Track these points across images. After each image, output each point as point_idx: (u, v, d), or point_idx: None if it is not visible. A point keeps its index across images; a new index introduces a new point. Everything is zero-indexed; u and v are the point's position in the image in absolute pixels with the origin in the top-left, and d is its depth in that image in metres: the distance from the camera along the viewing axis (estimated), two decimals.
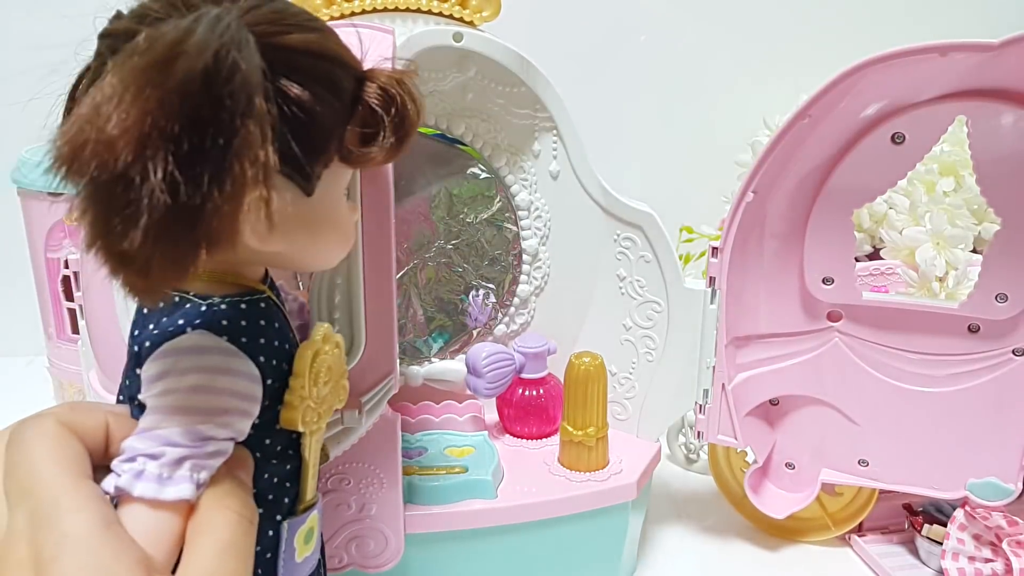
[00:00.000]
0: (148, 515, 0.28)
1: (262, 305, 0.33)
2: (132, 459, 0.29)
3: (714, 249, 0.58)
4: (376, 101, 0.33)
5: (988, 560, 0.58)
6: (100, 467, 0.29)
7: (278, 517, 0.35)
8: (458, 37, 0.55)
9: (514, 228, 0.63)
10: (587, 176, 0.61)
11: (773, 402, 0.65)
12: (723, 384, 0.60)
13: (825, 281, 0.59)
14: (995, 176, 0.54)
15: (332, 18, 0.56)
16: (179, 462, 0.29)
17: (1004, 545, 0.57)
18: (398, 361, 0.48)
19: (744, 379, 0.62)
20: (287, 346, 0.34)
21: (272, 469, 0.34)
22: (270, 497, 0.34)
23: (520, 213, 0.62)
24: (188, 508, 0.29)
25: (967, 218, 0.70)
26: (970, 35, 0.48)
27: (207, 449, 0.29)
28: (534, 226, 0.63)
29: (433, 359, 0.63)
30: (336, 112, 0.31)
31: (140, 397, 0.30)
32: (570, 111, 0.60)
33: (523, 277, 0.64)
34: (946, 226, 0.68)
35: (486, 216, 0.63)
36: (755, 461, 0.64)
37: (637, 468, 0.58)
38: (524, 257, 0.63)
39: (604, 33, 0.96)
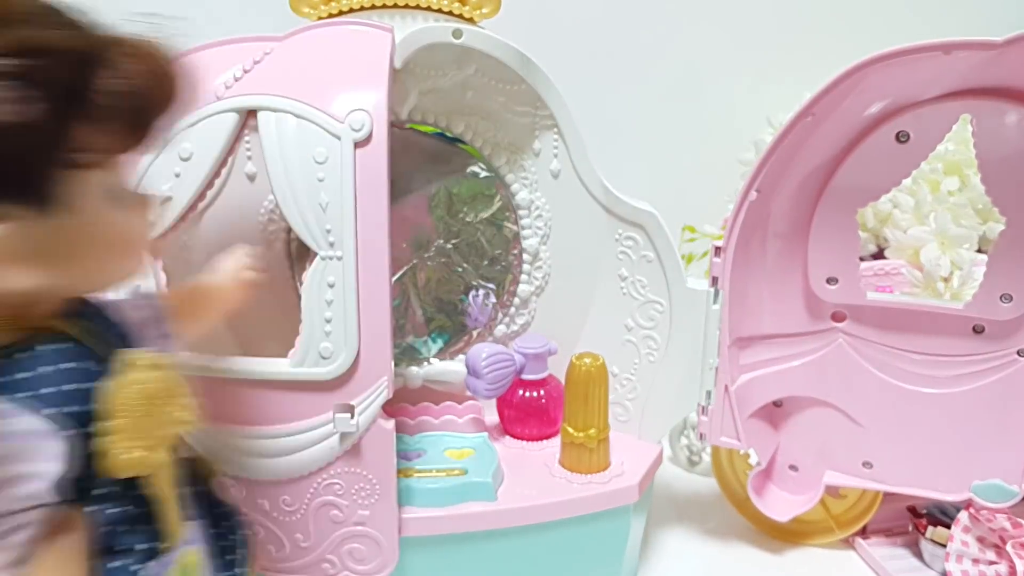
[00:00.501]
0: None
1: (48, 348, 0.30)
2: None
3: (717, 249, 0.58)
4: (106, 90, 0.28)
5: (992, 562, 0.58)
6: None
7: (134, 567, 0.31)
8: (458, 34, 0.54)
9: (514, 227, 0.63)
10: (588, 175, 0.61)
11: (776, 403, 0.64)
12: (726, 385, 0.59)
13: (829, 281, 0.59)
14: (1000, 175, 0.53)
15: (331, 15, 0.55)
16: None
17: (1008, 547, 0.57)
18: (393, 363, 0.48)
19: (747, 380, 0.62)
20: (86, 385, 0.30)
21: (114, 517, 0.31)
22: (121, 546, 0.31)
23: (520, 212, 0.62)
24: None
25: (972, 217, 0.70)
26: (974, 33, 0.48)
27: (9, 524, 0.27)
28: (535, 225, 0.62)
29: (433, 360, 0.63)
30: (47, 114, 0.27)
31: None
32: (571, 109, 0.59)
33: (523, 277, 0.63)
34: (951, 226, 0.68)
35: (486, 215, 0.63)
36: (758, 463, 0.64)
37: (639, 470, 0.58)
38: (524, 257, 0.63)
39: (606, 30, 0.96)
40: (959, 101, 0.53)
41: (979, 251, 0.69)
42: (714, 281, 0.58)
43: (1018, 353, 0.57)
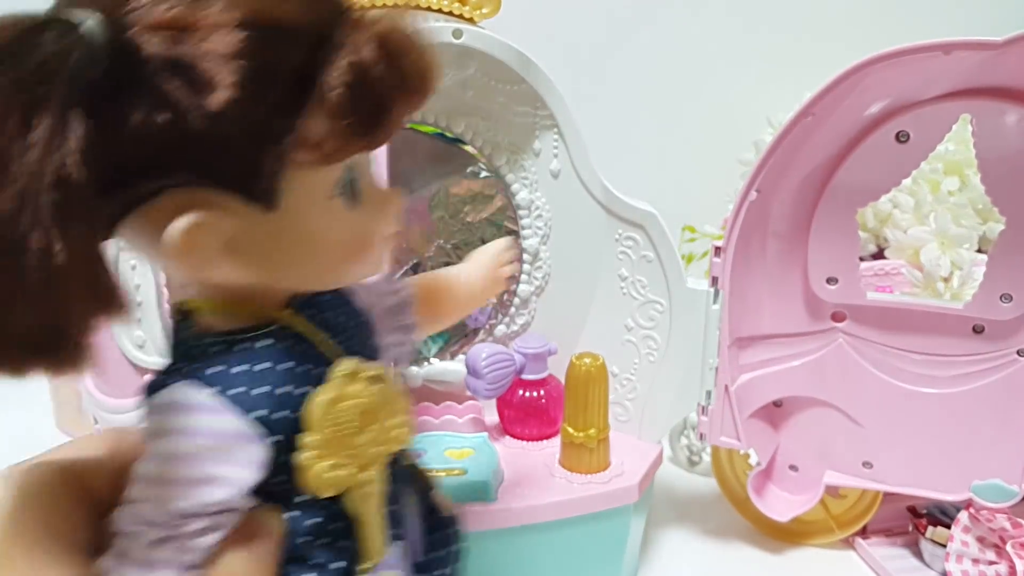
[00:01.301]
0: None
1: (268, 343, 0.27)
2: (118, 535, 0.26)
3: (717, 249, 0.58)
4: (344, 79, 0.24)
5: (992, 563, 0.58)
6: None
7: None
8: (457, 34, 0.54)
9: (514, 227, 0.63)
10: (588, 175, 0.61)
11: (776, 403, 0.64)
12: (726, 385, 0.59)
13: (829, 281, 0.59)
14: (1000, 175, 0.53)
15: None
16: (158, 544, 0.25)
17: (1008, 547, 0.57)
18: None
19: (747, 380, 0.62)
20: (301, 390, 0.28)
21: (312, 528, 0.28)
22: (314, 560, 0.29)
23: (520, 212, 0.62)
24: None
25: (972, 217, 0.70)
26: (974, 33, 0.48)
27: (191, 528, 0.25)
28: (535, 225, 0.62)
29: (432, 360, 0.63)
30: (273, 104, 0.24)
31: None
32: (571, 109, 0.59)
33: (523, 277, 0.63)
34: (951, 226, 0.68)
35: (486, 215, 0.62)
36: (758, 463, 0.64)
37: (639, 470, 0.58)
38: (525, 257, 0.63)
39: (606, 30, 0.96)
40: (959, 101, 0.52)
41: (979, 251, 0.69)
42: (714, 281, 0.58)
43: (1018, 353, 0.57)
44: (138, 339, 0.48)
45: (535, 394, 0.61)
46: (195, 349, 0.27)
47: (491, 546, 0.53)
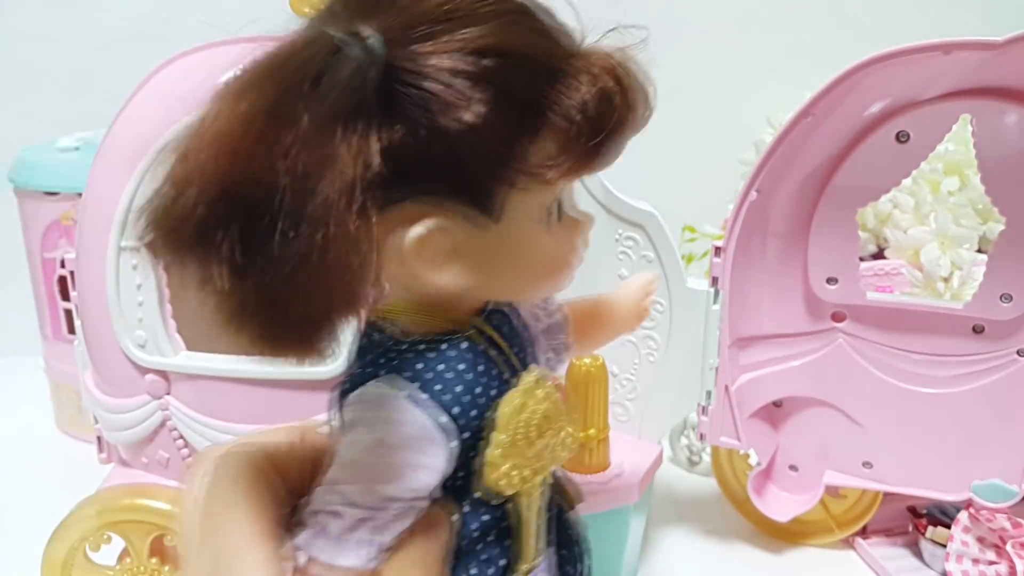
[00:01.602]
0: None
1: (465, 347, 0.29)
2: (315, 514, 0.27)
3: (717, 249, 0.58)
4: (582, 107, 0.26)
5: (992, 563, 0.58)
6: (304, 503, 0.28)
7: None
8: None
9: None
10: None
11: (776, 404, 0.64)
12: (726, 385, 0.59)
13: (829, 281, 0.59)
14: (1000, 175, 0.53)
15: None
16: (358, 524, 0.27)
17: (1008, 547, 0.57)
18: None
19: (747, 380, 0.62)
20: (488, 394, 0.29)
21: (481, 526, 0.30)
22: (480, 556, 0.30)
23: None
24: None
25: (972, 217, 0.70)
26: (974, 33, 0.48)
27: (389, 511, 0.27)
28: None
29: None
30: (507, 122, 0.26)
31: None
32: None
33: None
34: (951, 226, 0.68)
35: None
36: (758, 463, 0.64)
37: (639, 470, 0.58)
38: None
39: (605, 29, 0.96)
40: (959, 101, 0.52)
41: (979, 251, 0.69)
42: (714, 281, 0.58)
43: (1018, 353, 0.57)
44: (139, 339, 0.48)
45: None
46: (392, 350, 0.29)
47: None
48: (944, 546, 0.59)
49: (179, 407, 0.49)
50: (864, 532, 0.66)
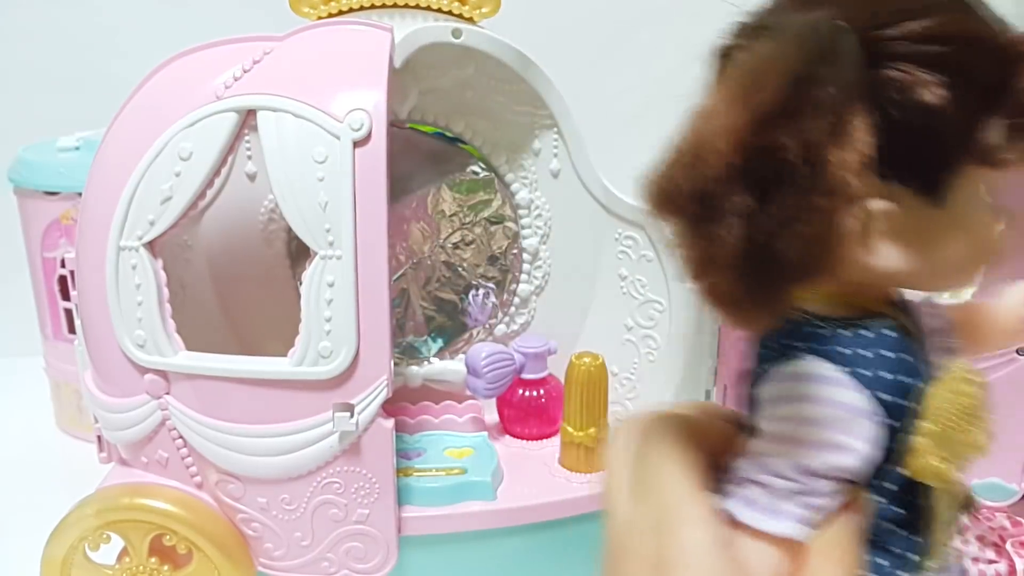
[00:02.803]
0: (750, 545, 0.27)
1: (886, 332, 0.29)
2: (741, 483, 0.28)
3: None
4: None
5: (992, 561, 0.58)
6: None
7: (899, 573, 0.30)
8: (457, 34, 0.54)
9: (514, 227, 0.63)
10: (588, 174, 0.61)
11: None
12: (726, 385, 0.59)
13: None
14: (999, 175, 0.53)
15: (330, 15, 0.55)
16: (787, 496, 0.27)
17: (1008, 546, 0.57)
18: (392, 363, 0.48)
19: None
20: (912, 381, 0.29)
21: (891, 515, 0.30)
22: (890, 545, 0.30)
23: (520, 212, 0.62)
24: (792, 548, 0.27)
25: None
26: None
27: (819, 487, 0.28)
28: (534, 225, 0.62)
29: (432, 359, 0.63)
30: (965, 106, 0.26)
31: (755, 418, 0.29)
32: (571, 108, 0.59)
33: (523, 276, 0.63)
34: None
35: (486, 215, 0.63)
36: None
37: None
38: (524, 256, 0.63)
39: (605, 29, 0.96)
40: None
41: None
42: None
43: (1017, 352, 0.57)
44: (138, 338, 0.48)
45: (535, 393, 0.61)
46: (809, 330, 0.29)
47: (490, 546, 0.53)
48: None
49: (178, 407, 0.49)
50: None
